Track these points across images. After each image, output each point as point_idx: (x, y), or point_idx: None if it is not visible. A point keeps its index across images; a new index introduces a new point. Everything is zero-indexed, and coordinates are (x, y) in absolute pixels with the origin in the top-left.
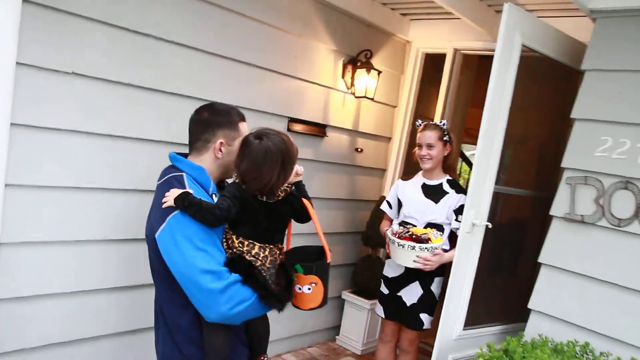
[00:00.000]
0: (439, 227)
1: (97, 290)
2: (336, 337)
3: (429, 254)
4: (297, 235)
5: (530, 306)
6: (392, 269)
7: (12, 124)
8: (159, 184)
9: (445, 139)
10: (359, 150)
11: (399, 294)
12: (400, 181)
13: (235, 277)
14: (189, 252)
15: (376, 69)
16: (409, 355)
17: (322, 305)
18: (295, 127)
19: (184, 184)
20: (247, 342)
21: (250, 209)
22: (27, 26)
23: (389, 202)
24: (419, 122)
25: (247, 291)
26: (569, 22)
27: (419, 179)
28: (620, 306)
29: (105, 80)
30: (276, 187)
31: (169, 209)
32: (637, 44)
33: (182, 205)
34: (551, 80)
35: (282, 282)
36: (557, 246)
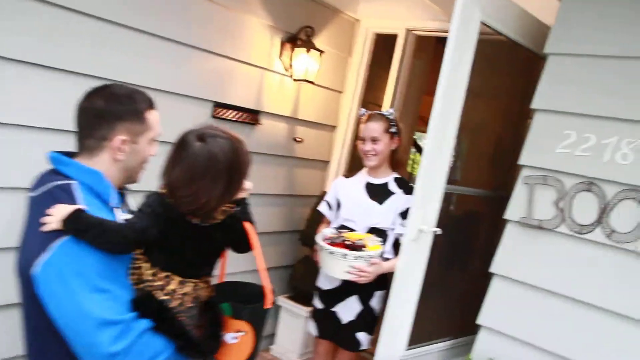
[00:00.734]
0: (382, 233)
1: None
2: (270, 346)
3: (365, 264)
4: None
5: (479, 322)
6: (327, 280)
7: None
8: (34, 196)
9: (392, 130)
10: (299, 140)
11: (334, 310)
12: (341, 178)
13: (143, 325)
14: (83, 296)
15: (318, 49)
16: None
17: None
18: (222, 113)
19: (73, 197)
20: None
21: (173, 233)
22: None
23: (328, 202)
24: (362, 111)
25: (159, 343)
26: (535, 2)
27: (363, 177)
28: (582, 324)
29: None
30: (216, 207)
31: (54, 234)
32: (608, 25)
33: (73, 228)
34: (511, 65)
35: (206, 324)
36: (511, 254)
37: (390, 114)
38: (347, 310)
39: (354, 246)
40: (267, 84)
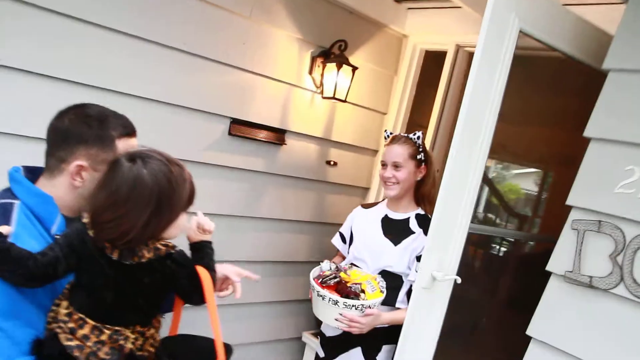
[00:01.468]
0: (395, 277)
1: None
2: None
3: (358, 314)
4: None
5: None
6: (329, 325)
7: None
8: None
9: (419, 157)
10: (332, 163)
11: None
12: (359, 209)
13: None
14: None
15: (351, 65)
16: None
17: None
18: (239, 130)
19: (8, 218)
20: None
21: (89, 270)
22: None
23: (342, 234)
24: (388, 133)
25: None
26: (594, 13)
27: (381, 209)
28: None
29: None
30: (138, 239)
31: None
32: None
33: None
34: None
35: None
36: (553, 316)
37: (418, 138)
38: None
39: (347, 292)
40: (294, 101)
